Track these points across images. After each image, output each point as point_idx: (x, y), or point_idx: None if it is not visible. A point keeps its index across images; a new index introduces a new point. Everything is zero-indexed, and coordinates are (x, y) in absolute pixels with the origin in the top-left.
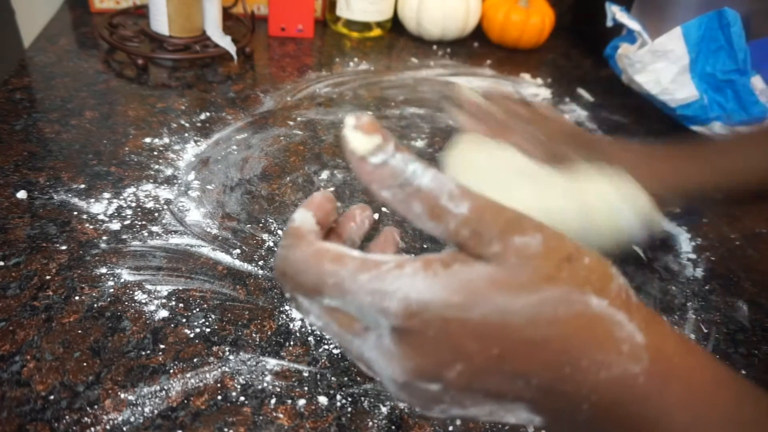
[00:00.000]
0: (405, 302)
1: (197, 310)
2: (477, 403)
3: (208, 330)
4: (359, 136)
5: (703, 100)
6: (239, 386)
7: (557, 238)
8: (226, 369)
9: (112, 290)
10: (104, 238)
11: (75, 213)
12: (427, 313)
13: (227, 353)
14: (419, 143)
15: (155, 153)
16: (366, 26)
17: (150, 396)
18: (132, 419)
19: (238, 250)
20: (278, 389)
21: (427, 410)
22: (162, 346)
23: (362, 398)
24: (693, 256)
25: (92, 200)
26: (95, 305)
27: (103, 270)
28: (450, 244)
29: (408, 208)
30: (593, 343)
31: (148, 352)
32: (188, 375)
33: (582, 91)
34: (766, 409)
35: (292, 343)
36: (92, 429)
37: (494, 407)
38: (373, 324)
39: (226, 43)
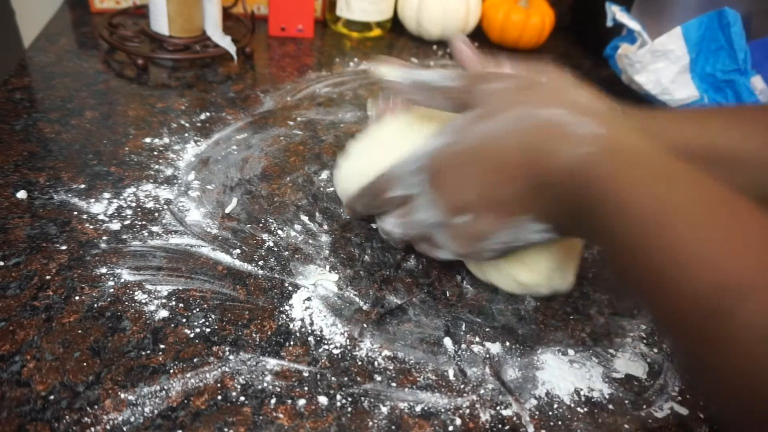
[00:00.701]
0: (427, 156)
1: (197, 310)
2: (503, 227)
3: (208, 330)
4: (386, 69)
5: (704, 100)
6: (239, 386)
7: (521, 78)
8: (226, 369)
9: (112, 290)
10: (104, 238)
11: (75, 213)
12: (440, 157)
13: (227, 353)
14: None
15: (155, 153)
16: (366, 26)
17: (150, 396)
18: (132, 419)
19: (238, 250)
20: (278, 389)
21: (479, 255)
22: (162, 346)
23: (362, 398)
24: None
25: (92, 200)
26: (95, 305)
27: (103, 270)
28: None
29: (433, 101)
30: (547, 137)
31: (148, 352)
32: (188, 375)
33: None
34: (725, 196)
35: (292, 343)
36: (92, 429)
37: (515, 228)
38: (420, 187)
39: (226, 43)
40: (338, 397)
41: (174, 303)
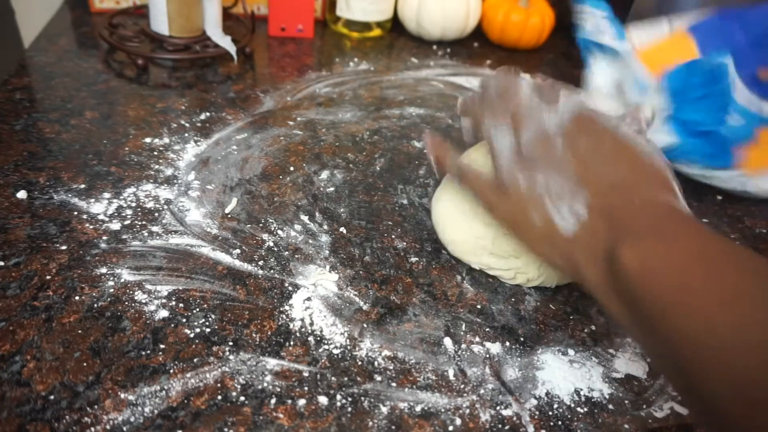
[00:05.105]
0: (574, 107)
1: (197, 310)
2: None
3: (208, 330)
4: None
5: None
6: (239, 386)
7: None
8: (226, 369)
9: (112, 290)
10: (104, 238)
11: (75, 213)
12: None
13: (227, 353)
14: (419, 143)
15: (155, 153)
16: (366, 26)
17: (150, 396)
18: (132, 419)
19: (238, 250)
20: (278, 389)
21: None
22: (162, 346)
23: (362, 398)
24: None
25: (92, 200)
26: (95, 305)
27: (103, 270)
28: None
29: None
30: (658, 179)
31: (148, 352)
32: (188, 375)
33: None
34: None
35: (292, 343)
36: (92, 429)
37: (563, 183)
38: (557, 129)
39: (226, 43)
40: (338, 397)
41: (174, 303)
